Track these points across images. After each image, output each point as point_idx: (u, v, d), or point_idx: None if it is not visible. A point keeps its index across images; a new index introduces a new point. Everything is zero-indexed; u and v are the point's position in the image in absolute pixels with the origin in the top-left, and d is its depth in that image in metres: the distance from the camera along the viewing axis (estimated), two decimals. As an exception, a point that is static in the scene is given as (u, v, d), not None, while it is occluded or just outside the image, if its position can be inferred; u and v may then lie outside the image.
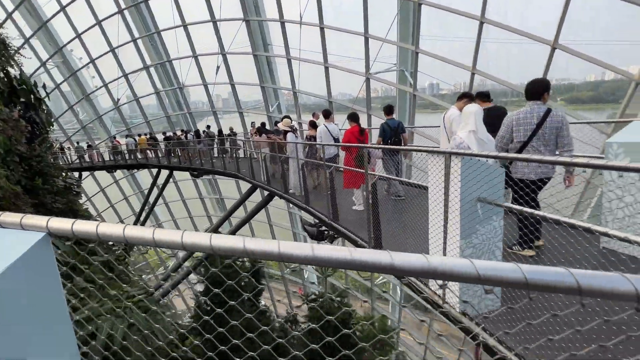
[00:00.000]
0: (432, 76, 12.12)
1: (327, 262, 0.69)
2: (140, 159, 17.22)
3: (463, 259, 0.66)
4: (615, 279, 0.58)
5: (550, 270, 0.63)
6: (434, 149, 2.41)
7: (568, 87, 19.51)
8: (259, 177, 7.84)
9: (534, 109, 3.32)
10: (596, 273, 0.61)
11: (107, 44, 18.11)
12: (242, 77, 16.73)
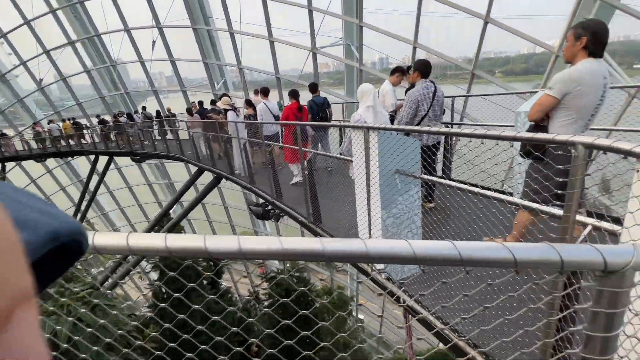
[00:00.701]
0: (377, 50, 12.27)
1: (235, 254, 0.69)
2: (74, 145, 15.76)
3: (401, 242, 0.65)
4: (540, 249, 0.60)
5: (482, 246, 0.63)
6: (355, 124, 2.51)
7: (505, 60, 20.83)
8: (205, 159, 7.60)
9: (429, 85, 3.77)
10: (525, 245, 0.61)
11: (21, 16, 15.91)
12: (183, 53, 15.71)
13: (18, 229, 0.15)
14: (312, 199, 3.77)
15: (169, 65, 15.91)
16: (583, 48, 2.36)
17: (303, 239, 0.69)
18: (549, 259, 0.58)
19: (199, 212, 22.03)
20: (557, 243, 0.60)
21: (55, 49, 16.83)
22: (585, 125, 2.46)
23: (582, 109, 2.39)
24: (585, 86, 2.34)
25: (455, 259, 0.59)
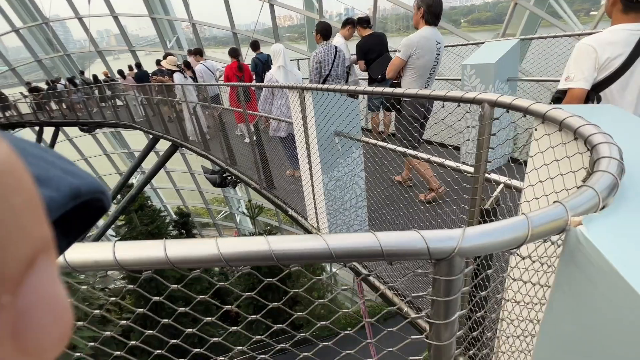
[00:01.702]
0: (339, 0, 11.62)
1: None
2: (13, 116, 14.30)
3: (315, 238, 0.58)
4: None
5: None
6: (291, 85, 2.37)
7: (470, 9, 20.49)
8: (156, 124, 7.14)
9: (331, 47, 3.95)
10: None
11: None
12: (128, 8, 14.18)
13: (39, 185, 0.15)
14: (262, 164, 3.67)
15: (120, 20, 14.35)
16: (422, 17, 2.85)
17: (246, 239, 0.60)
18: (372, 247, 0.55)
19: (165, 180, 21.33)
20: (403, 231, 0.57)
21: (-28, 4, 14.62)
22: (426, 82, 3.01)
23: (422, 68, 2.93)
24: (422, 50, 2.85)
25: (325, 254, 0.54)
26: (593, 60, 1.71)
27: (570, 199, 0.57)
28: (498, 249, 0.54)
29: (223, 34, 15.44)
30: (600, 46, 1.71)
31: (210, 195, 21.87)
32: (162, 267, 0.58)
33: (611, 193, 0.59)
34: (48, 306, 0.15)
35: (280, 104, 3.89)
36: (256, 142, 3.52)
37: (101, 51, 15.75)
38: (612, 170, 0.61)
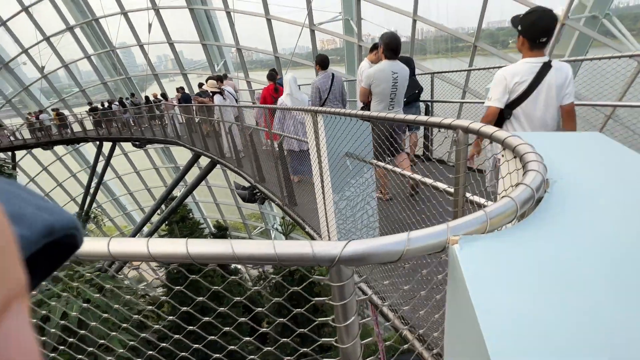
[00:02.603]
0: (377, 24, 11.86)
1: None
2: (78, 132, 15.98)
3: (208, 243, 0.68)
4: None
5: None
6: (304, 107, 2.47)
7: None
8: (199, 142, 7.65)
9: (327, 75, 4.38)
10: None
11: (19, 3, 15.84)
12: (182, 35, 15.49)
13: (13, 223, 0.15)
14: (285, 182, 3.80)
15: (178, 47, 15.78)
16: (382, 53, 3.40)
17: (164, 240, 0.70)
18: (268, 253, 0.62)
19: (206, 195, 22.37)
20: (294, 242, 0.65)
21: (54, 35, 16.80)
22: (389, 104, 3.51)
23: (381, 94, 3.45)
24: (378, 80, 3.38)
25: (229, 256, 0.62)
26: (504, 87, 2.23)
27: (460, 221, 0.62)
28: (378, 261, 0.59)
29: (268, 57, 16.32)
30: (509, 75, 2.23)
31: (248, 211, 22.55)
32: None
33: (502, 215, 0.64)
34: (20, 353, 0.14)
35: (288, 124, 4.37)
36: (280, 159, 3.66)
37: (157, 74, 17.24)
38: (515, 195, 0.65)
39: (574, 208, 0.69)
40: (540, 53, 2.21)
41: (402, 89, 3.49)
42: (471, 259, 0.56)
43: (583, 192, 0.74)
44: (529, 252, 0.58)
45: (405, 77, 3.48)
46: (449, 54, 12.32)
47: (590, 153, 0.99)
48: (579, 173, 0.83)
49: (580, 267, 0.55)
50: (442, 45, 12.59)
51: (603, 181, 0.80)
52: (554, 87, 2.19)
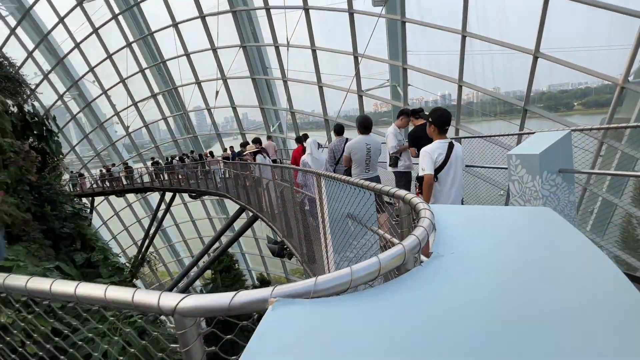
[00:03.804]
0: (422, 89, 12.30)
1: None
2: (146, 182, 17.90)
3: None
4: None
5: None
6: (308, 169, 2.61)
7: (585, 91, 18.98)
8: (244, 197, 8.16)
9: (342, 139, 4.89)
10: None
11: (118, 75, 19.20)
12: (244, 100, 17.33)
13: None
14: (305, 238, 3.87)
15: (241, 109, 17.83)
16: (357, 129, 4.30)
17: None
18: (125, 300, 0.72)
19: (253, 246, 22.93)
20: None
21: (141, 101, 19.81)
22: (365, 168, 4.33)
23: (358, 161, 4.31)
24: (354, 149, 4.26)
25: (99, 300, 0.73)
26: (431, 159, 3.10)
27: (287, 286, 0.66)
28: (209, 314, 0.66)
29: (314, 119, 17.48)
30: (432, 152, 3.12)
31: (292, 266, 22.49)
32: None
33: (329, 288, 0.67)
34: None
35: (310, 182, 4.78)
36: (301, 218, 3.79)
37: (219, 134, 19.14)
38: (342, 273, 0.69)
39: (428, 286, 0.71)
40: (444, 136, 3.19)
41: (375, 157, 4.40)
42: (273, 320, 0.60)
43: (455, 271, 0.76)
44: (331, 322, 0.61)
45: (377, 148, 4.38)
46: (499, 116, 12.17)
47: (521, 229, 1.00)
48: (477, 249, 0.85)
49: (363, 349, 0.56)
50: (492, 108, 12.52)
51: (495, 261, 0.81)
52: (459, 157, 3.22)
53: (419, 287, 0.70)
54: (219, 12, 14.60)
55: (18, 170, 9.05)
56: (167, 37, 16.77)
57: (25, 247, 7.90)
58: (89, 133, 22.66)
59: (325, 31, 14.14)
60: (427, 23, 10.33)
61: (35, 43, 19.82)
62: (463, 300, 0.67)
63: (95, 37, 18.29)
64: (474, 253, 0.80)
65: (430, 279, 0.72)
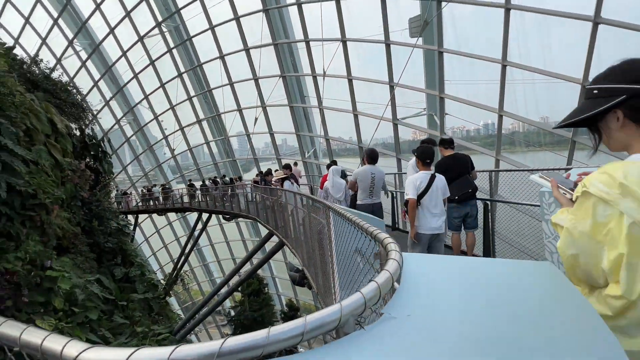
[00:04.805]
0: (460, 118, 11.98)
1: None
2: (185, 203, 18.75)
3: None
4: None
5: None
6: (319, 199, 2.53)
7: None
8: (273, 221, 8.22)
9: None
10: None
11: (168, 102, 20.78)
12: (282, 126, 17.91)
13: None
14: (321, 270, 3.74)
15: (281, 135, 18.51)
16: (364, 159, 5.07)
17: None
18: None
19: (284, 271, 22.83)
20: None
21: (188, 125, 21.16)
22: (369, 194, 4.97)
23: (363, 187, 4.91)
24: (361, 176, 4.92)
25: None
26: (415, 186, 3.66)
27: (193, 346, 0.58)
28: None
29: (349, 147, 17.57)
30: (416, 181, 3.69)
31: (321, 293, 22.01)
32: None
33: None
34: None
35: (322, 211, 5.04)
36: (318, 247, 3.70)
37: (257, 158, 19.79)
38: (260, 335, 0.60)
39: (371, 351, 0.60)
40: (428, 168, 3.80)
41: (379, 185, 5.02)
42: None
43: (401, 341, 0.64)
44: None
45: (381, 177, 5.03)
46: (546, 147, 11.46)
47: (510, 289, 0.86)
48: (443, 312, 0.72)
49: None
50: (538, 138, 11.85)
51: (461, 331, 0.68)
52: (439, 188, 3.74)
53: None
54: (262, 45, 15.51)
55: (73, 187, 9.82)
56: (214, 68, 18.02)
57: (72, 259, 8.42)
58: (139, 154, 24.44)
59: (362, 61, 14.48)
60: (464, 53, 10.21)
61: (101, 73, 22.16)
62: None
63: (151, 68, 20.10)
64: (437, 317, 0.69)
65: (365, 350, 0.60)
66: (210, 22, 16.52)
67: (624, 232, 0.88)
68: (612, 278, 0.93)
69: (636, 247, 0.88)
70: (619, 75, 1.00)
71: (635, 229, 0.88)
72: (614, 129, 1.03)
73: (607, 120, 1.04)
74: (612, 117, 1.03)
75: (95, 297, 7.20)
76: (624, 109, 1.00)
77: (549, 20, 8.77)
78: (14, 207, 5.71)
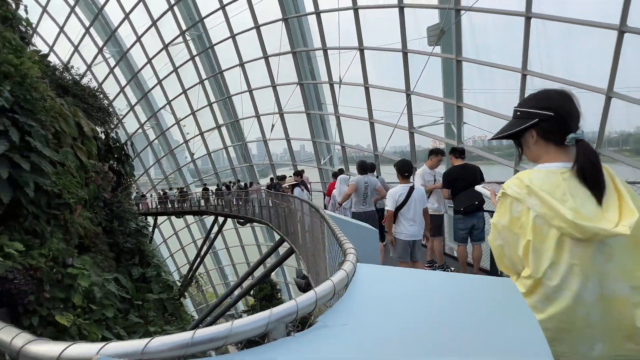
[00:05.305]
0: (479, 127, 11.77)
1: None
2: (202, 206, 19.12)
3: None
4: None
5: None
6: (318, 208, 2.53)
7: None
8: (284, 227, 8.27)
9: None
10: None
11: (189, 107, 21.38)
12: (299, 133, 18.09)
13: None
14: (320, 278, 3.75)
15: (299, 142, 18.72)
16: (357, 170, 5.50)
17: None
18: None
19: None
20: None
21: (207, 131, 21.67)
22: (363, 200, 5.34)
23: (358, 194, 5.29)
24: (357, 184, 5.24)
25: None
26: (393, 199, 3.99)
27: (119, 344, 0.57)
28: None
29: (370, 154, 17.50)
30: (395, 193, 4.02)
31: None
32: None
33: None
34: None
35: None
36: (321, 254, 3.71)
37: (273, 164, 20.01)
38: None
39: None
40: (407, 181, 4.10)
41: (372, 194, 5.37)
42: None
43: (328, 352, 0.63)
44: None
45: (373, 186, 5.35)
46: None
47: (460, 304, 0.85)
48: (380, 325, 0.71)
49: None
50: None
51: (391, 350, 0.66)
52: (417, 199, 4.03)
53: None
54: (280, 53, 15.79)
55: (96, 188, 10.18)
56: (234, 75, 18.46)
57: (92, 257, 8.71)
58: (160, 158, 25.17)
59: (378, 69, 14.50)
60: (483, 61, 10.08)
61: (128, 80, 23.08)
62: None
63: (174, 74, 20.79)
64: (372, 330, 0.67)
65: (284, 356, 0.60)
66: (232, 31, 16.98)
67: (530, 223, 1.13)
68: (525, 263, 1.16)
69: (539, 235, 1.12)
70: (534, 102, 1.27)
71: (538, 220, 1.12)
72: (530, 144, 1.28)
73: (525, 136, 1.29)
74: (528, 134, 1.27)
75: (112, 295, 7.41)
76: (537, 129, 1.25)
77: (571, 28, 8.56)
78: (40, 206, 5.98)
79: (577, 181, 1.15)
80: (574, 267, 1.09)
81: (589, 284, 1.08)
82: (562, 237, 1.10)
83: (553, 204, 1.09)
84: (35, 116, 6.38)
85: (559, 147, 1.22)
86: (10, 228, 5.46)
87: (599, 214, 1.10)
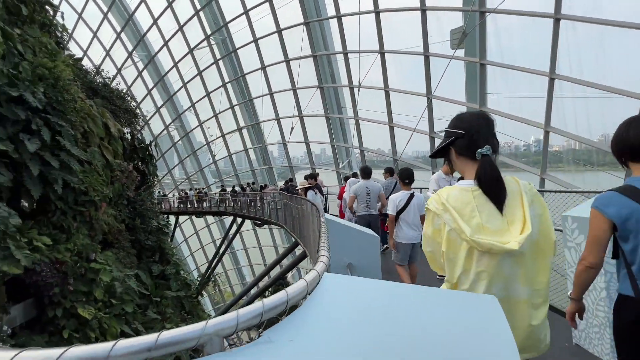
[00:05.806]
0: (504, 133, 11.39)
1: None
2: (221, 206, 19.44)
3: None
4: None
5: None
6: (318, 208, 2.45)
7: None
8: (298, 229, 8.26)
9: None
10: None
11: (212, 110, 21.87)
12: (318, 136, 18.12)
13: None
14: None
15: (320, 145, 18.77)
16: (360, 175, 5.88)
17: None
18: None
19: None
20: None
21: (229, 133, 22.08)
22: (365, 205, 5.72)
23: (359, 198, 5.69)
24: (358, 190, 5.71)
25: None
26: (394, 204, 4.19)
27: (83, 347, 0.54)
28: None
29: (389, 159, 17.31)
30: (396, 199, 4.22)
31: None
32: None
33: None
34: None
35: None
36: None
37: (292, 167, 20.12)
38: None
39: None
40: (409, 188, 4.31)
41: (374, 198, 5.68)
42: None
43: None
44: None
45: (375, 192, 5.68)
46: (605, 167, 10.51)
47: (438, 324, 0.78)
48: (333, 344, 0.64)
49: None
50: (598, 158, 10.92)
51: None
52: (416, 205, 4.19)
53: None
54: (301, 57, 15.91)
55: (121, 187, 10.54)
56: (256, 79, 18.75)
57: (114, 253, 9.00)
58: (184, 159, 25.84)
59: (400, 72, 14.34)
60: (508, 65, 9.78)
61: (154, 82, 23.89)
62: None
63: (199, 78, 21.34)
64: (322, 348, 0.61)
65: None
66: (254, 35, 17.27)
67: (444, 236, 1.29)
68: (446, 269, 1.34)
69: (452, 246, 1.28)
70: (453, 123, 1.43)
71: (452, 233, 1.27)
72: (453, 159, 1.44)
73: (450, 153, 1.45)
74: (451, 151, 1.44)
75: (132, 291, 7.62)
76: (454, 146, 1.41)
77: (603, 30, 8.16)
78: (67, 202, 6.24)
79: (485, 198, 1.26)
80: (481, 273, 1.24)
81: (493, 288, 1.23)
82: (471, 248, 1.24)
83: (458, 221, 1.23)
84: (65, 117, 6.68)
85: (475, 162, 1.32)
86: (40, 223, 5.72)
87: (504, 228, 1.22)
